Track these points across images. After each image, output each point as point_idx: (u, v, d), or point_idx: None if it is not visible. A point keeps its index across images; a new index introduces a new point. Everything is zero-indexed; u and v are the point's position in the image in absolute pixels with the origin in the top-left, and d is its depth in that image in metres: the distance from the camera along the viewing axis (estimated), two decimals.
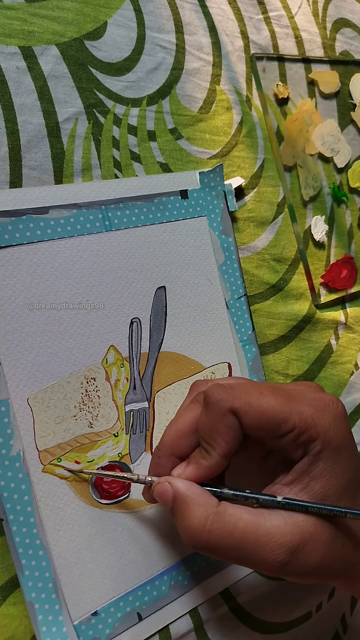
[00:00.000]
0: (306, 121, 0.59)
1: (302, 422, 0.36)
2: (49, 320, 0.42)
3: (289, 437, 0.37)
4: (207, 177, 0.50)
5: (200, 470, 0.38)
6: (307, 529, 0.35)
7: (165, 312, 0.47)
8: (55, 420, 0.41)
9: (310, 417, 0.37)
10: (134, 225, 0.46)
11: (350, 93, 0.65)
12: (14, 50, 0.43)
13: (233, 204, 0.52)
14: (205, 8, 0.55)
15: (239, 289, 0.51)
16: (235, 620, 0.47)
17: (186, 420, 0.40)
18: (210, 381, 0.43)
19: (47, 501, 0.40)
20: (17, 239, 0.41)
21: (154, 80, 0.50)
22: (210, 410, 0.38)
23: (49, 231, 0.42)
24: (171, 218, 0.48)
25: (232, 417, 0.37)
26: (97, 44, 0.47)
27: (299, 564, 0.35)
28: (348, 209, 0.63)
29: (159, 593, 0.44)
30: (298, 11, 0.62)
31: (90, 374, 0.43)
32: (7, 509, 0.38)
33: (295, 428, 0.36)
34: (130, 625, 0.42)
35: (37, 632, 0.38)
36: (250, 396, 0.37)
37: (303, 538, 0.35)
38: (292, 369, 0.55)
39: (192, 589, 0.45)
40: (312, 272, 0.57)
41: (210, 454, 0.38)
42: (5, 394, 0.39)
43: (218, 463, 0.38)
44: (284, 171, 0.57)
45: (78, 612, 0.40)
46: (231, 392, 0.38)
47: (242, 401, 0.37)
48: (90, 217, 0.44)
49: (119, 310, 0.45)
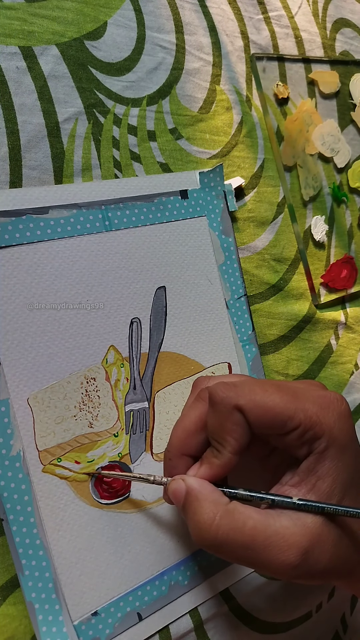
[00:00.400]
0: (306, 121, 0.59)
1: (307, 419, 0.36)
2: (49, 321, 0.41)
3: (294, 435, 0.37)
4: (207, 177, 0.50)
5: (213, 470, 0.38)
6: (316, 530, 0.35)
7: (165, 312, 0.47)
8: (55, 420, 0.41)
9: (315, 414, 0.36)
10: (134, 225, 0.46)
11: (350, 93, 0.65)
12: (14, 50, 0.43)
13: (233, 204, 0.52)
14: (205, 8, 0.54)
15: (239, 288, 0.51)
16: (235, 620, 0.47)
17: (192, 419, 0.40)
18: (212, 378, 0.43)
19: (47, 501, 0.40)
20: (17, 239, 0.41)
21: (154, 80, 0.50)
22: (217, 409, 0.38)
23: (49, 231, 0.42)
24: (171, 218, 0.48)
25: (238, 414, 0.37)
26: (97, 44, 0.47)
27: (309, 566, 0.34)
28: (348, 209, 0.62)
29: (159, 593, 0.43)
30: (298, 11, 0.62)
31: (90, 374, 0.43)
32: (7, 509, 0.38)
33: (301, 425, 0.36)
34: (131, 625, 0.42)
35: (37, 632, 0.38)
36: (255, 393, 0.37)
37: (312, 539, 0.35)
38: (292, 369, 0.55)
39: (192, 589, 0.45)
40: (312, 272, 0.57)
41: (222, 452, 0.38)
42: (5, 394, 0.39)
43: (230, 461, 0.38)
44: (284, 171, 0.57)
45: (78, 612, 0.40)
46: (235, 389, 0.38)
47: (247, 398, 0.37)
48: (90, 217, 0.44)
49: (119, 310, 0.44)
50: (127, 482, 0.43)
